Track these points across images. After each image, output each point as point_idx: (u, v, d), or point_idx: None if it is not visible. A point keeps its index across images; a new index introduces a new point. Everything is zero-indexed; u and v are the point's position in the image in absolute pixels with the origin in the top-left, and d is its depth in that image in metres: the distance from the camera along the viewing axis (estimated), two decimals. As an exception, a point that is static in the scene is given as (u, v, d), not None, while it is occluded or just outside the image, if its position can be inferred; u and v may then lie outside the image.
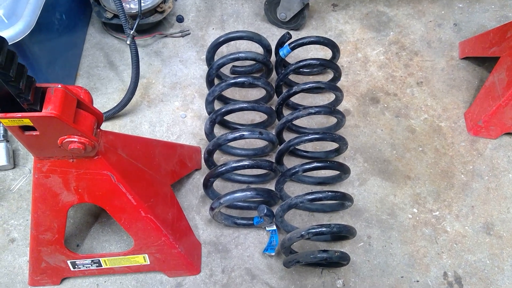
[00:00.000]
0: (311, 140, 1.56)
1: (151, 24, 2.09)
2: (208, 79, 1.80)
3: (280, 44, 1.85)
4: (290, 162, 1.77)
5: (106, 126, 1.87)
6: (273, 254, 1.56)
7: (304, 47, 2.03)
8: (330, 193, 1.46)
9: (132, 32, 1.72)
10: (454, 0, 2.29)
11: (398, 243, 1.62)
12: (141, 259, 1.45)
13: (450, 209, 1.69)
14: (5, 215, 1.65)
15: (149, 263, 1.46)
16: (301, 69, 1.96)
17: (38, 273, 1.46)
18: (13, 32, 1.47)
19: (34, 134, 1.01)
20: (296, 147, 1.73)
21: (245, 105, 1.61)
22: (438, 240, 1.63)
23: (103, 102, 1.95)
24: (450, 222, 1.66)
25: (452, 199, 1.72)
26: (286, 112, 1.71)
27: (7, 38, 1.35)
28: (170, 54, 2.10)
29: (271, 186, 1.71)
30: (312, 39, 1.81)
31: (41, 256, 1.40)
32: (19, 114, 0.94)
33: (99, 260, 1.45)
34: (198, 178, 1.75)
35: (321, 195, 1.44)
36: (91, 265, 1.46)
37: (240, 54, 1.72)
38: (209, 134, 1.68)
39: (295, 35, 2.06)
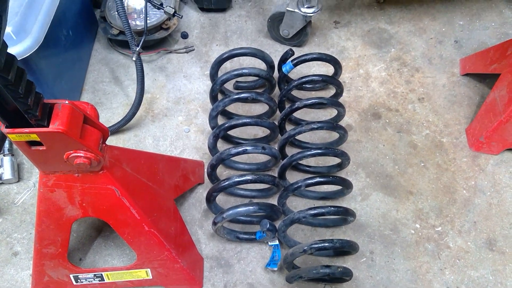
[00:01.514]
0: (313, 155, 1.57)
1: (156, 41, 2.13)
2: (211, 94, 1.82)
3: (283, 60, 1.87)
4: (292, 177, 1.78)
5: (110, 140, 1.88)
6: (275, 269, 1.55)
7: (307, 63, 2.05)
8: (332, 208, 1.46)
9: (138, 48, 1.75)
10: (455, 18, 2.33)
11: (401, 258, 1.61)
12: (144, 274, 1.45)
13: (452, 224, 1.69)
14: (9, 228, 1.66)
15: (151, 277, 1.46)
16: (303, 85, 1.98)
17: (40, 287, 1.46)
18: (21, 48, 1.50)
19: (40, 149, 1.02)
20: (299, 162, 1.74)
21: (248, 120, 1.63)
22: (441, 256, 1.62)
23: (107, 117, 1.97)
24: (452, 238, 1.66)
25: (455, 214, 1.72)
26: (288, 127, 1.73)
27: (16, 54, 1.37)
28: (174, 69, 2.13)
29: (274, 200, 1.71)
30: (314, 55, 1.83)
31: (44, 270, 1.40)
32: (27, 130, 0.95)
33: (101, 274, 1.45)
34: (201, 192, 1.76)
35: (323, 210, 1.45)
36: (94, 279, 1.46)
37: (243, 70, 1.74)
38: (212, 148, 1.69)
39: (298, 52, 2.09)
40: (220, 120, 1.77)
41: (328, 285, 1.56)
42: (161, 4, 1.96)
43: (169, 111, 1.99)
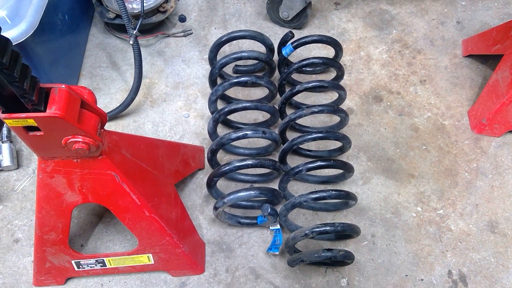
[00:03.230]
0: (314, 139, 1.56)
1: (153, 24, 2.09)
2: (211, 79, 1.80)
3: (282, 43, 1.85)
4: (293, 161, 1.77)
5: (109, 126, 1.87)
6: (277, 253, 1.55)
7: (307, 46, 2.02)
8: (334, 192, 1.45)
9: (135, 32, 1.72)
10: (457, -2, 2.29)
11: (402, 241, 1.61)
12: (145, 259, 1.45)
13: (454, 207, 1.69)
14: (9, 215, 1.66)
15: (153, 262, 1.46)
16: (304, 68, 1.95)
17: (42, 273, 1.46)
18: (16, 33, 1.47)
19: (38, 134, 1.01)
20: (300, 146, 1.73)
21: (248, 104, 1.61)
22: (443, 239, 1.62)
23: (106, 102, 1.95)
24: (454, 221, 1.66)
25: (456, 197, 1.71)
26: (289, 111, 1.71)
27: (11, 39, 1.35)
28: (172, 54, 2.10)
29: (275, 185, 1.70)
30: (314, 38, 1.81)
31: (46, 256, 1.40)
32: (24, 115, 0.94)
33: (103, 260, 1.45)
34: (202, 177, 1.75)
35: (325, 194, 1.44)
36: (96, 265, 1.46)
37: (242, 53, 1.72)
38: (212, 133, 1.68)
39: (298, 34, 2.06)
40: (220, 105, 1.76)
41: (329, 268, 1.56)
42: (158, -13, 1.92)
43: (168, 96, 1.97)
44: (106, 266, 1.46)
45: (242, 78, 1.66)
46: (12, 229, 1.63)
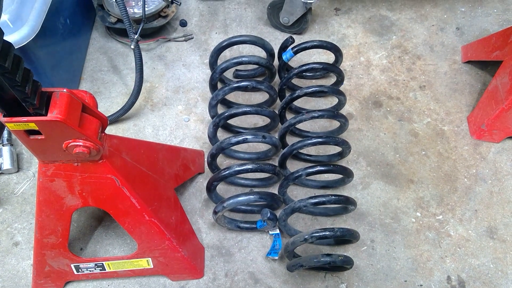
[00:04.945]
0: (314, 144, 1.56)
1: (154, 29, 2.10)
2: (211, 83, 1.80)
3: (283, 48, 1.86)
4: (293, 165, 1.77)
5: (109, 130, 1.87)
6: (276, 258, 1.56)
7: (307, 51, 2.03)
8: (333, 197, 1.46)
9: (136, 36, 1.73)
10: (457, 4, 2.30)
11: (402, 247, 1.62)
12: (145, 263, 1.45)
13: (453, 213, 1.69)
14: (9, 218, 1.66)
15: (152, 267, 1.46)
16: (304, 73, 1.96)
17: (42, 277, 1.46)
18: (18, 37, 1.48)
19: (39, 138, 1.01)
20: (299, 151, 1.73)
21: (248, 109, 1.62)
22: (442, 244, 1.62)
23: (106, 106, 1.95)
24: (453, 226, 1.66)
25: (456, 203, 1.71)
26: (289, 116, 1.72)
27: (12, 43, 1.36)
28: (173, 58, 2.11)
29: (274, 189, 1.71)
30: (315, 43, 1.82)
31: (45, 260, 1.40)
32: (25, 118, 0.94)
33: (102, 263, 1.45)
34: (201, 181, 1.75)
35: (324, 199, 1.44)
36: (95, 269, 1.46)
37: (243, 58, 1.73)
38: (213, 138, 1.68)
39: (298, 39, 2.07)
40: (220, 109, 1.76)
41: (328, 273, 1.56)
42: (160, -8, 1.93)
43: (168, 100, 1.97)
44: (105, 270, 1.46)
45: (243, 83, 1.66)
46: (12, 232, 1.63)
